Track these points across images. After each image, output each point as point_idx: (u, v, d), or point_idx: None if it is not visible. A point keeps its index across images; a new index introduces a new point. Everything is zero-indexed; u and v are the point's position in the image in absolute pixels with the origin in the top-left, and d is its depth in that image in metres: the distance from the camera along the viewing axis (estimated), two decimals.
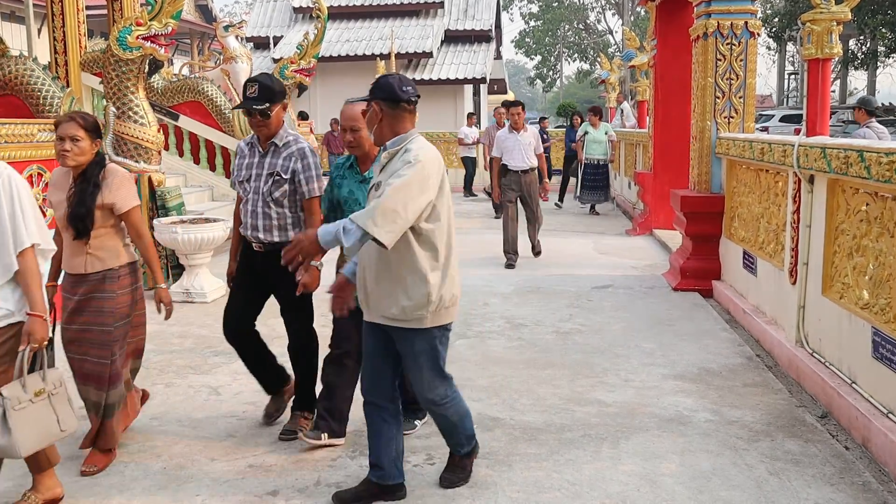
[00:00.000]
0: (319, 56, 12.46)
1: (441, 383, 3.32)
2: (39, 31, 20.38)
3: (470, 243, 10.12)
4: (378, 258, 3.14)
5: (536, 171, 8.92)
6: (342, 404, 3.91)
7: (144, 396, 4.24)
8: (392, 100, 3.14)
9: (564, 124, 28.66)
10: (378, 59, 18.38)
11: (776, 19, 33.17)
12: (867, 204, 4.14)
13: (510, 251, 8.75)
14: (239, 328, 4.12)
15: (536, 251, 9.17)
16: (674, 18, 10.30)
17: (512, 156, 8.82)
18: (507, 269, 8.56)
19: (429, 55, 22.12)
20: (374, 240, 2.91)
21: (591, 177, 13.43)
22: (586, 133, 13.45)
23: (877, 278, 4.00)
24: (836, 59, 5.66)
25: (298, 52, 12.03)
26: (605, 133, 13.38)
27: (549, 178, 10.45)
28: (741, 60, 7.21)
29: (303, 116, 16.37)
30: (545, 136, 15.70)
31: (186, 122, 12.03)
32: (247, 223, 3.98)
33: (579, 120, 15.11)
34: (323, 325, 4.13)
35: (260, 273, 4.05)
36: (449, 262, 3.20)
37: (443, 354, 3.32)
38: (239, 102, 4.16)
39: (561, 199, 15.08)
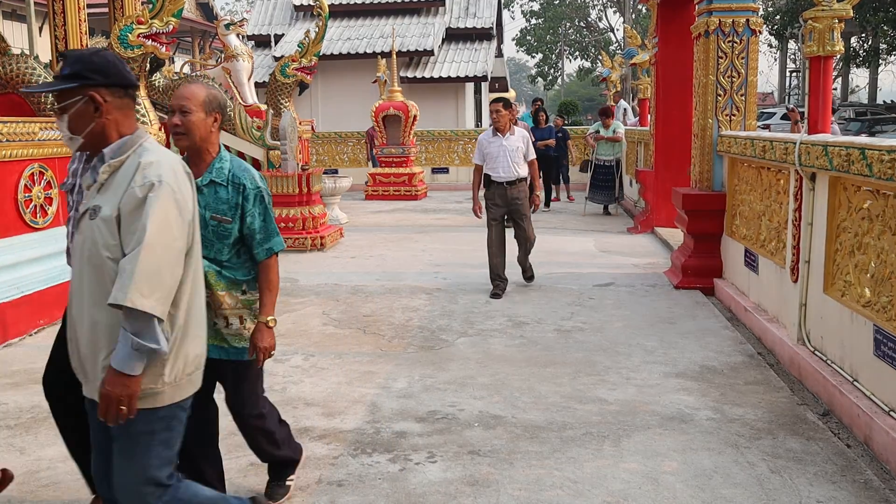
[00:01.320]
0: (320, 54, 12.46)
1: (158, 490, 2.34)
2: (41, 29, 20.38)
3: (471, 241, 10.12)
4: (90, 313, 2.25)
5: (527, 182, 7.45)
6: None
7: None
8: (120, 84, 2.31)
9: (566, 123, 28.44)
10: (379, 57, 18.36)
11: (777, 17, 33.16)
12: (869, 202, 4.13)
13: (496, 277, 7.33)
14: None
15: (528, 275, 7.70)
16: (675, 16, 10.29)
17: (496, 164, 7.29)
18: (508, 268, 7.78)
19: (430, 53, 22.11)
20: (151, 316, 2.15)
21: (602, 177, 13.33)
22: (598, 132, 13.38)
23: (878, 276, 3.99)
24: (838, 56, 5.65)
25: (300, 50, 12.03)
26: (614, 131, 13.27)
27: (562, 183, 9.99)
28: (742, 58, 7.20)
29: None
30: (565, 134, 15.23)
31: None
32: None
33: (545, 117, 14.67)
34: None
35: None
36: (192, 315, 2.34)
37: (174, 442, 2.38)
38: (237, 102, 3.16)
39: (547, 204, 14.41)
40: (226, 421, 4.23)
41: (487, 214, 7.42)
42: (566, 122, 21.95)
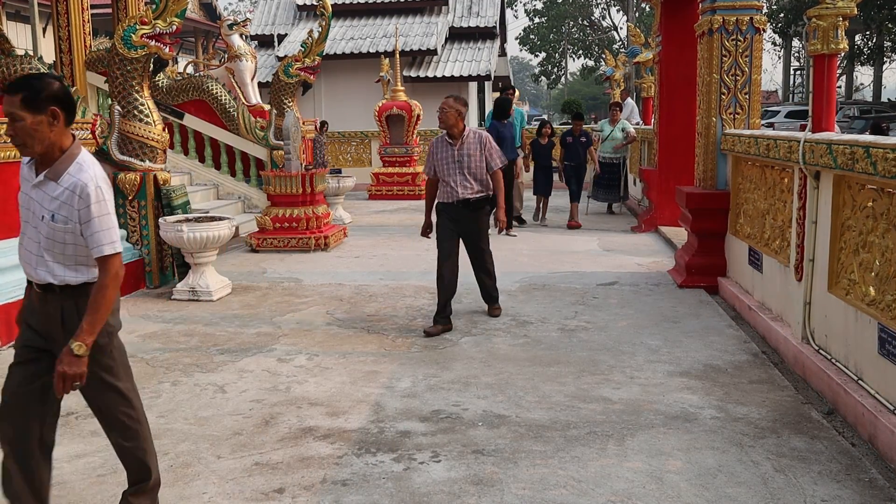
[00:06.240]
0: (324, 54, 12.47)
1: None
2: (44, 30, 20.41)
3: None
4: None
5: None
6: None
7: None
8: None
9: (569, 121, 28.37)
10: (382, 56, 18.38)
11: (782, 15, 33.11)
12: (873, 200, 4.13)
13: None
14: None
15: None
16: (679, 14, 10.27)
17: None
18: (511, 268, 8.23)
19: (433, 52, 22.10)
20: None
21: (607, 175, 13.25)
22: (602, 131, 13.32)
23: (883, 274, 3.98)
24: (842, 54, 5.65)
25: (303, 49, 12.06)
26: (623, 130, 13.10)
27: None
28: (746, 56, 7.19)
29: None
30: (589, 140, 12.41)
31: (191, 121, 12.07)
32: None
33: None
34: None
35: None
36: None
37: None
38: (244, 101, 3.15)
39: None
40: (230, 420, 4.25)
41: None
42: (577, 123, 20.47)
